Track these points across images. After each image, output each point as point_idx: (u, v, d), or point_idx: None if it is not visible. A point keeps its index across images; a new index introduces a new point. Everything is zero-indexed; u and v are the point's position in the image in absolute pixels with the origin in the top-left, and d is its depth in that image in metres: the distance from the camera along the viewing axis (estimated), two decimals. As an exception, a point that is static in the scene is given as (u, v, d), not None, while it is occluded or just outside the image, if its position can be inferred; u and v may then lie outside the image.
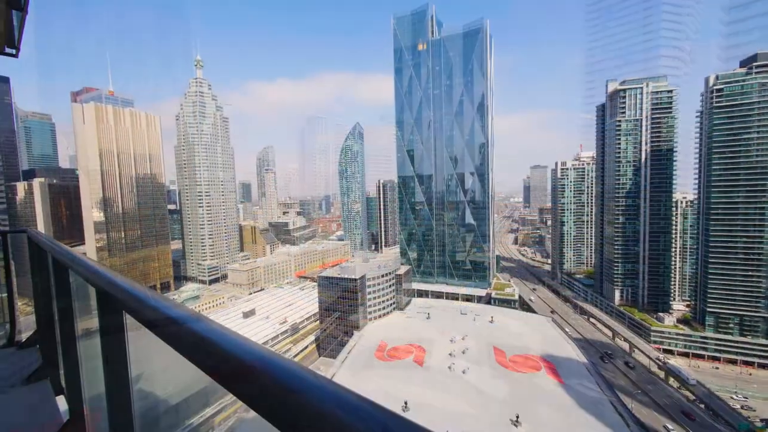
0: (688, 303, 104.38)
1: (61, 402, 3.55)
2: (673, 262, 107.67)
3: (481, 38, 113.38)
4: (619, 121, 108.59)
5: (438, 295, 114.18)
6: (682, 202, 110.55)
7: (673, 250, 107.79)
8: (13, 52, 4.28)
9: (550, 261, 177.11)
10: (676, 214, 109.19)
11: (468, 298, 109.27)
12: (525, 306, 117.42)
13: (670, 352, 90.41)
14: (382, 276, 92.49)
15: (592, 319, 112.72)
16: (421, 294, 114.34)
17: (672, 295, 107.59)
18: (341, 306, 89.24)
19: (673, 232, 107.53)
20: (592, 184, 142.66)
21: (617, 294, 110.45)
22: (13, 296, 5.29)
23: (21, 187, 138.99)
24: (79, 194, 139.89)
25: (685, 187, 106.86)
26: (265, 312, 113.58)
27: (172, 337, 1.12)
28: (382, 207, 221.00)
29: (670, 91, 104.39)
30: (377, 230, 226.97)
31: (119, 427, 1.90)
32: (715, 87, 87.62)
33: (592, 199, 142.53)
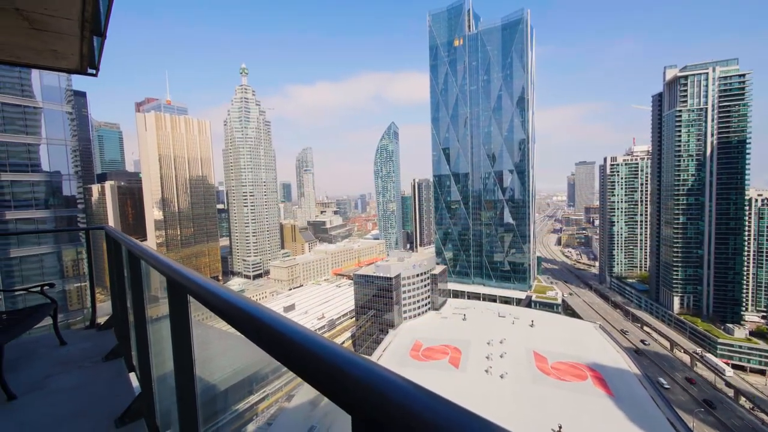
0: (765, 314, 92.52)
1: (133, 378, 4.07)
2: (745, 268, 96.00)
3: (521, 29, 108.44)
4: (680, 110, 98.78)
5: (474, 297, 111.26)
6: (757, 200, 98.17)
7: (746, 254, 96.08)
8: (94, 72, 4.94)
9: (597, 264, 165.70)
10: (750, 213, 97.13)
11: (506, 301, 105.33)
12: (569, 310, 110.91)
13: (742, 368, 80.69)
14: (417, 275, 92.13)
15: (646, 328, 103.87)
16: (457, 294, 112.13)
17: (744, 304, 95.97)
18: (376, 304, 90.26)
19: (746, 233, 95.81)
20: (646, 180, 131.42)
21: (676, 301, 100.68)
22: (94, 285, 6.09)
23: (95, 189, 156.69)
24: (142, 195, 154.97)
25: (760, 183, 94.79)
26: (304, 307, 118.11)
27: (232, 317, 1.22)
28: (417, 206, 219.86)
29: (743, 76, 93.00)
30: (412, 229, 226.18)
31: (185, 404, 2.09)
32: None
33: (646, 197, 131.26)
